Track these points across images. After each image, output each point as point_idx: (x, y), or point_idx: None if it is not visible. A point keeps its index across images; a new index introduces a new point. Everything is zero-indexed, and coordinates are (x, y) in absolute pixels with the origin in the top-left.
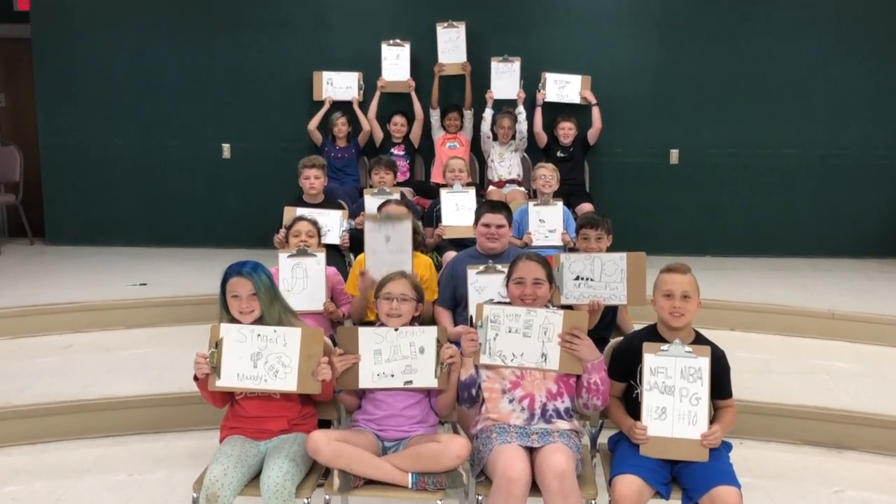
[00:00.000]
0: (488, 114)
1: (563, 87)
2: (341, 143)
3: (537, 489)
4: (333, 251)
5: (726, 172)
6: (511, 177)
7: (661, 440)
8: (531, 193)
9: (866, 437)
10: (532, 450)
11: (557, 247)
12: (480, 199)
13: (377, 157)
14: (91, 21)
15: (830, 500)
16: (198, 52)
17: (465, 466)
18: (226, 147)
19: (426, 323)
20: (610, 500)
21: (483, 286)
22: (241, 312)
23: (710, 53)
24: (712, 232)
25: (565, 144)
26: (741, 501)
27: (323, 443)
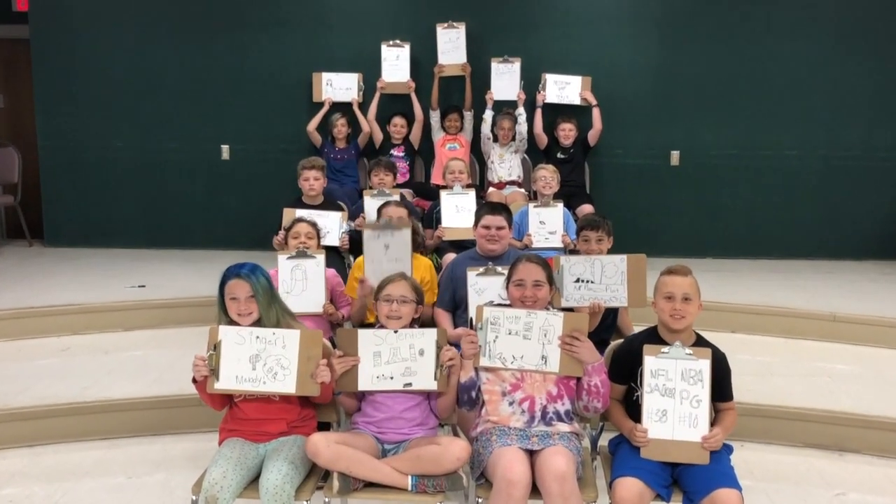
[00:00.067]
0: (488, 115)
1: (564, 88)
2: (341, 145)
3: (538, 492)
4: (333, 253)
5: (727, 174)
6: (511, 178)
7: (662, 442)
8: (531, 195)
9: (868, 440)
10: (532, 452)
11: (558, 248)
12: (480, 201)
13: (377, 159)
14: (90, 22)
15: (832, 502)
16: (197, 53)
17: (465, 469)
18: (225, 148)
19: (426, 325)
20: (610, 502)
21: (483, 288)
22: (240, 314)
23: (711, 54)
24: (713, 233)
25: (565, 146)
26: None
27: (322, 445)
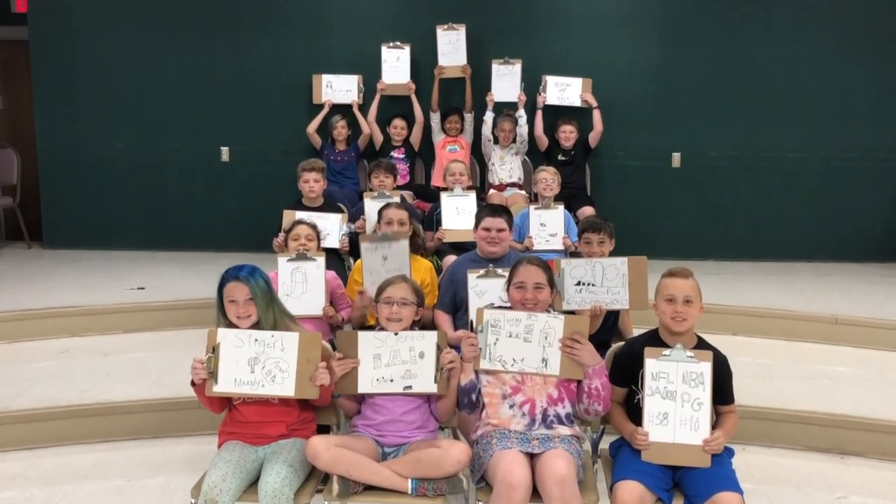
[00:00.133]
0: (489, 117)
1: (564, 90)
2: (341, 147)
3: (538, 495)
4: (333, 255)
5: (728, 176)
6: (512, 180)
7: (663, 446)
8: (532, 197)
9: (870, 443)
10: (533, 455)
11: (558, 251)
12: (481, 203)
13: (377, 161)
14: (89, 23)
15: None
16: (196, 54)
17: (466, 472)
18: (225, 150)
19: (426, 328)
20: None
21: (483, 290)
22: (239, 317)
23: (712, 56)
24: (714, 235)
25: (566, 147)
26: None
27: (322, 448)
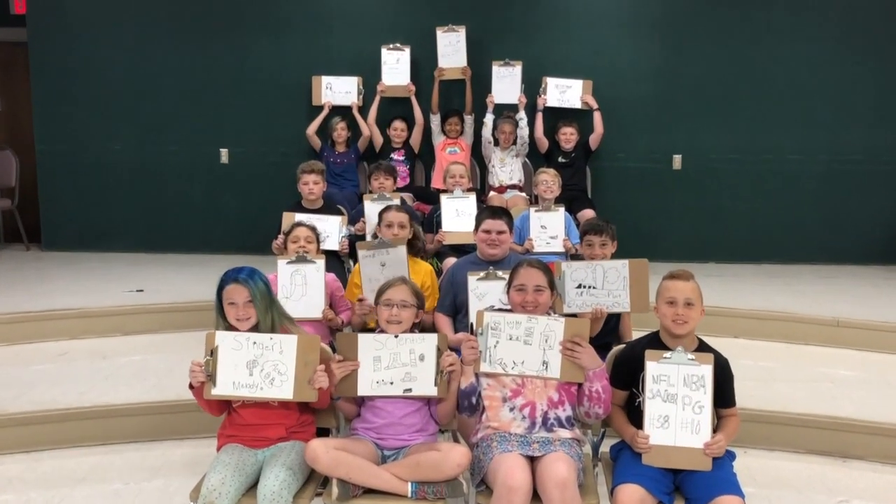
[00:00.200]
0: (489, 119)
1: (565, 92)
2: (340, 149)
3: (538, 499)
4: (332, 257)
5: (729, 178)
6: (512, 182)
7: (664, 449)
8: (532, 199)
9: (872, 446)
10: (533, 459)
11: (559, 253)
12: (481, 205)
13: (377, 163)
14: (88, 25)
15: None
16: (196, 56)
17: (466, 475)
18: (224, 152)
19: (427, 331)
20: None
21: (484, 293)
22: (238, 319)
23: (712, 57)
24: (715, 238)
25: (567, 150)
26: None
27: (321, 451)
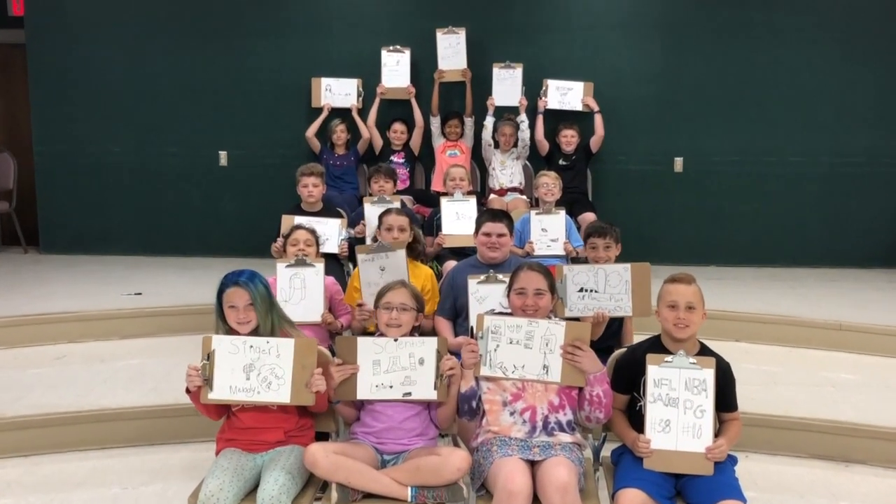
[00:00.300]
0: (489, 121)
1: (566, 94)
2: (340, 151)
3: (539, 503)
4: (332, 260)
5: (731, 180)
6: (513, 185)
7: (665, 453)
8: (533, 202)
9: (874, 451)
10: (534, 463)
11: (560, 256)
12: (481, 208)
13: (377, 166)
14: (86, 27)
15: None
16: (195, 58)
17: (466, 480)
18: (223, 154)
19: (426, 334)
20: None
21: (484, 296)
22: (239, 323)
23: (714, 60)
24: (717, 241)
25: (567, 152)
26: None
27: (321, 455)
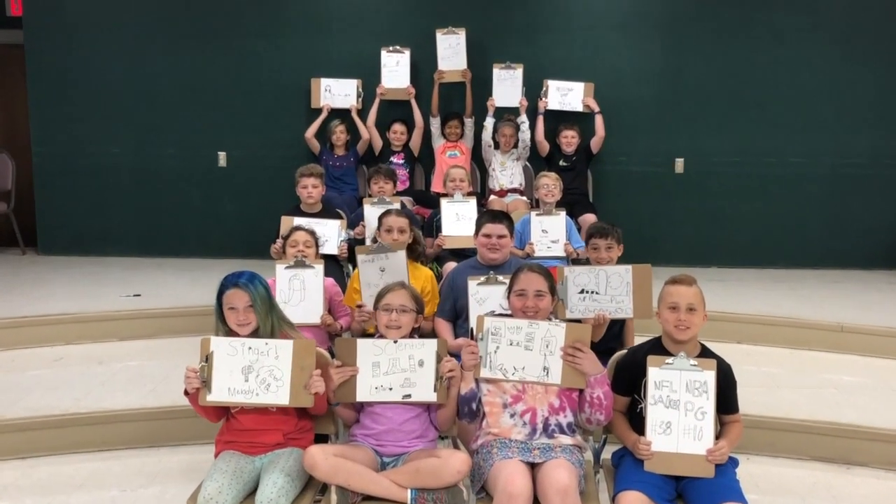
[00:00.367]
0: (489, 122)
1: (566, 95)
2: (340, 152)
3: None
4: (331, 261)
5: (732, 181)
6: (513, 186)
7: (666, 455)
8: (533, 203)
9: (876, 453)
10: (534, 465)
11: (560, 257)
12: (481, 209)
13: (376, 167)
14: (85, 27)
15: None
16: (194, 58)
17: (466, 482)
18: (222, 155)
19: (426, 336)
20: None
21: (484, 298)
22: (239, 324)
23: (715, 60)
24: (718, 242)
25: (568, 153)
26: None
27: (320, 458)
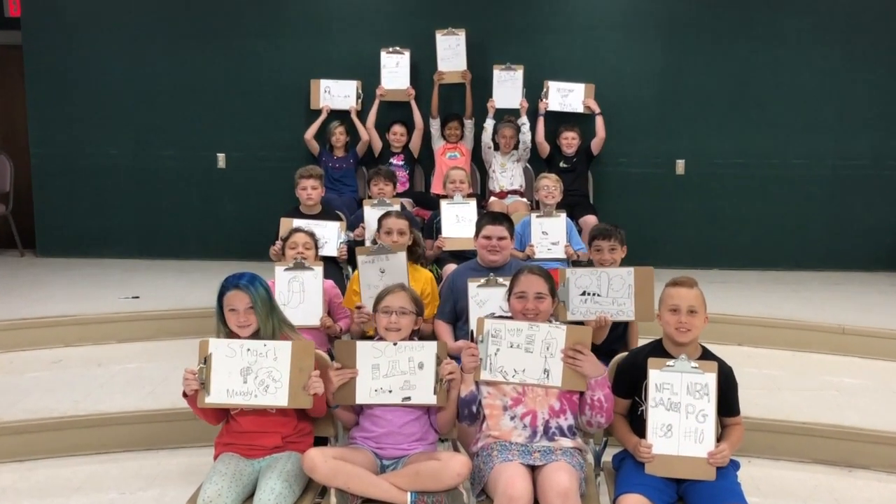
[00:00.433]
0: (489, 124)
1: (567, 96)
2: (339, 153)
3: None
4: (331, 263)
5: (733, 183)
6: (513, 187)
7: (667, 458)
8: (534, 204)
9: (877, 456)
10: (534, 468)
11: (560, 259)
12: (481, 211)
13: (376, 168)
14: (84, 28)
15: None
16: (193, 59)
17: (466, 485)
18: (221, 156)
19: (426, 339)
20: None
21: (484, 300)
22: (239, 326)
23: (716, 61)
24: (719, 244)
25: (568, 154)
26: None
27: (320, 461)
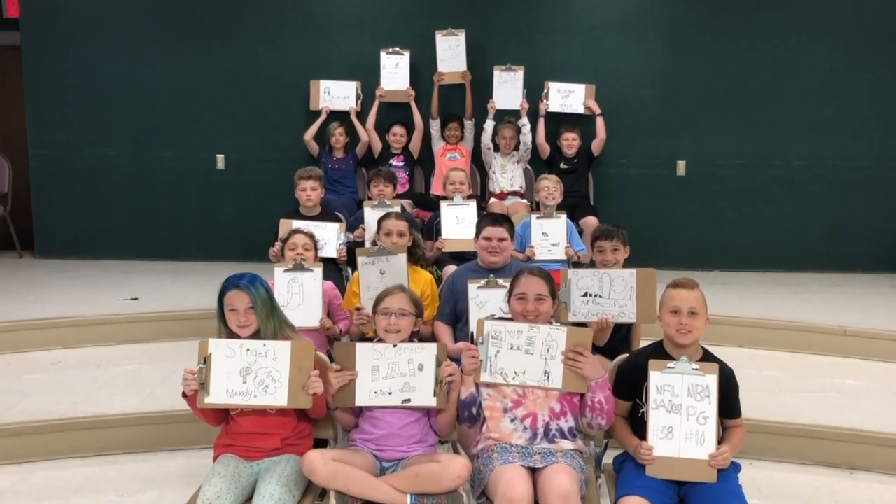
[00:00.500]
0: (489, 125)
1: (567, 97)
2: (339, 154)
3: None
4: (330, 265)
5: (734, 184)
6: (513, 188)
7: (668, 460)
8: (534, 206)
9: (879, 458)
10: (535, 470)
11: (561, 261)
12: (481, 212)
13: (376, 169)
14: (82, 28)
15: None
16: (192, 60)
17: (466, 487)
18: (220, 158)
19: (425, 341)
20: None
21: (484, 301)
22: (239, 326)
23: (717, 62)
24: (720, 245)
25: (569, 155)
26: None
27: (319, 463)
